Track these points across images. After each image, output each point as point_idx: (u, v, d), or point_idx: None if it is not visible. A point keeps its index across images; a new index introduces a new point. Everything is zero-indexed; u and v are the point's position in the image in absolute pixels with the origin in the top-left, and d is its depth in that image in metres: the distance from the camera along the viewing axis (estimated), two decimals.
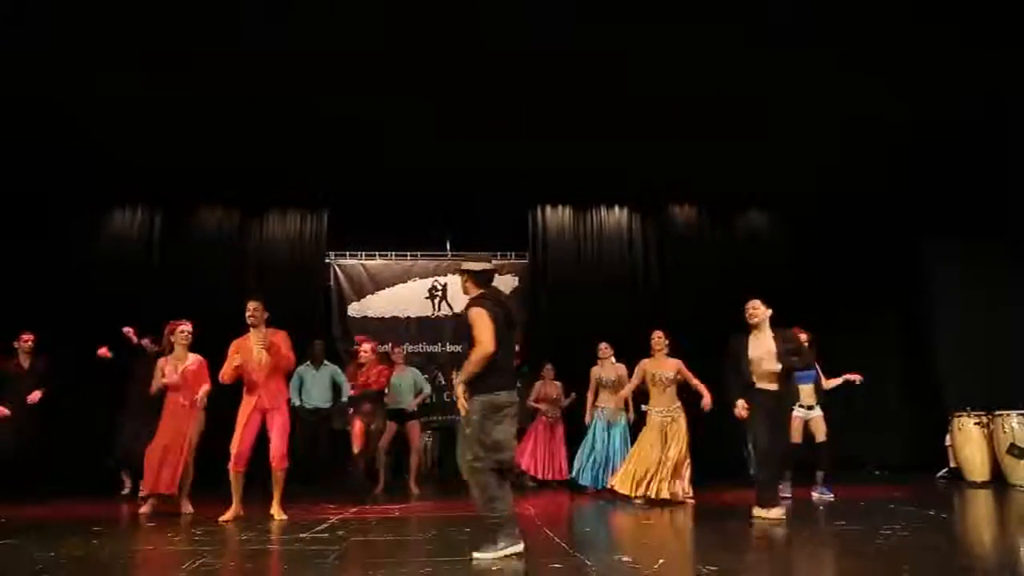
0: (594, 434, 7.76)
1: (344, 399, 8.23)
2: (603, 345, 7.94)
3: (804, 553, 4.52)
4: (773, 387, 5.54)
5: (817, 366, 7.13)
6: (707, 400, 6.73)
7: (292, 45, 7.10)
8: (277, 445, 5.87)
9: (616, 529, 5.86)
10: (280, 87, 7.72)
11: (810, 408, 7.12)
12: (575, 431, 8.40)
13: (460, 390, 4.08)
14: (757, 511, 5.46)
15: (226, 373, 5.93)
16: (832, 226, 10.25)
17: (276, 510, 5.91)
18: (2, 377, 7.59)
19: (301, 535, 5.02)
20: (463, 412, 4.06)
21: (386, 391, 7.92)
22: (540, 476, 8.65)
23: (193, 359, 6.46)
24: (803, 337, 7.06)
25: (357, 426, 7.61)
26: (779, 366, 5.50)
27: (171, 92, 7.79)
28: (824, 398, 7.25)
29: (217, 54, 7.19)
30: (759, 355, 5.57)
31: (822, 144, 8.88)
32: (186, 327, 6.52)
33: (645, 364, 7.04)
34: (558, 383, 8.91)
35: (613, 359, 7.91)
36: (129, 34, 6.86)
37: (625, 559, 4.12)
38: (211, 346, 6.66)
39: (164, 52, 7.13)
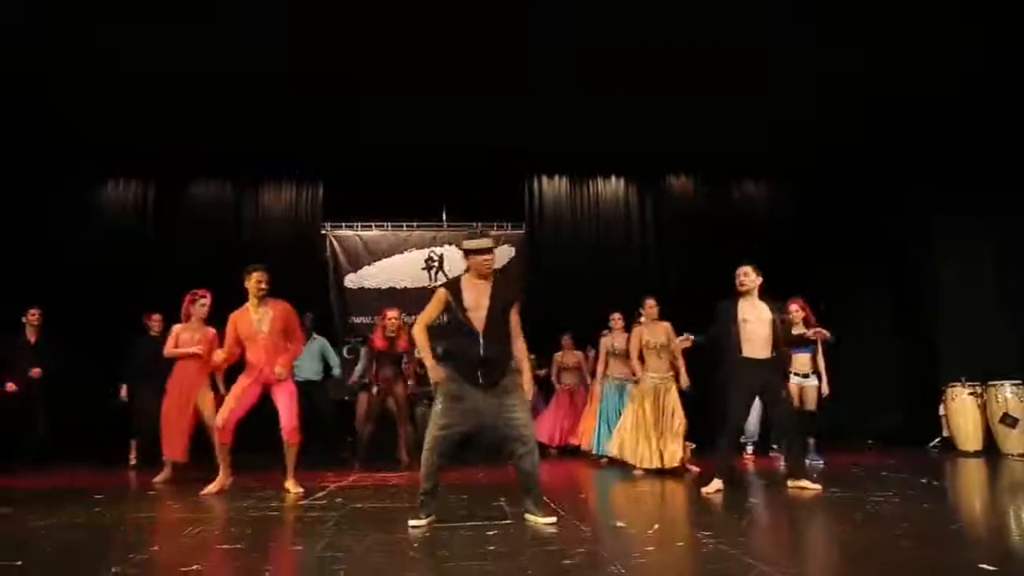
0: (606, 403, 7.78)
1: (336, 372, 8.26)
2: (615, 315, 7.88)
3: (797, 518, 4.57)
4: (764, 355, 5.45)
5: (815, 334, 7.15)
6: (684, 381, 6.80)
7: (286, 16, 7.01)
8: (288, 418, 5.64)
9: (613, 495, 5.92)
10: (273, 59, 7.65)
11: (805, 376, 7.17)
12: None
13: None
14: (791, 483, 5.42)
15: (220, 357, 5.79)
16: (828, 194, 10.22)
17: (291, 483, 5.68)
18: (12, 351, 7.72)
19: (300, 503, 5.07)
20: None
21: (405, 359, 7.90)
22: (561, 442, 8.77)
23: (207, 332, 6.54)
24: (794, 308, 7.07)
25: (374, 394, 7.67)
26: (769, 331, 5.47)
27: (163, 65, 7.71)
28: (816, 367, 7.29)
29: (211, 26, 7.10)
30: (750, 318, 5.49)
31: (819, 108, 8.79)
32: (205, 299, 6.63)
33: (640, 330, 7.07)
34: (578, 352, 8.93)
35: (623, 329, 7.91)
36: (122, 6, 6.77)
37: (620, 524, 4.17)
38: (208, 318, 6.77)
39: (156, 24, 7.04)
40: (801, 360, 7.12)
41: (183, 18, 6.96)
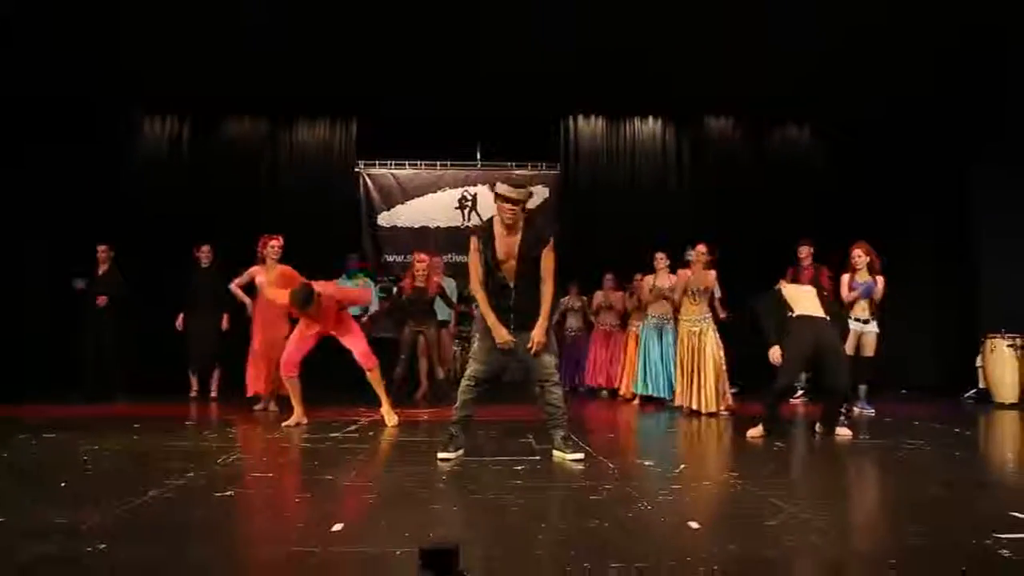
0: (646, 343, 7.73)
1: (372, 309, 8.33)
2: (659, 255, 7.71)
3: (825, 462, 4.56)
4: (819, 314, 5.35)
5: (880, 280, 6.98)
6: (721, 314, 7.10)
7: None
8: (358, 349, 5.67)
9: (642, 436, 5.96)
10: None
11: (865, 322, 7.00)
12: None
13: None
14: (820, 428, 5.39)
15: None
16: (870, 141, 9.91)
17: (387, 413, 5.73)
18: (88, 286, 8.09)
19: (332, 435, 5.17)
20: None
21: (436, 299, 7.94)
22: (598, 384, 8.78)
23: (281, 269, 6.66)
24: (857, 253, 6.93)
25: (407, 334, 7.72)
26: (816, 301, 5.44)
27: (197, 3, 7.64)
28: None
29: None
30: (794, 292, 5.52)
31: (862, 56, 8.47)
32: (276, 241, 6.81)
33: (686, 275, 7.01)
34: (619, 292, 8.87)
35: (668, 269, 7.80)
36: None
37: (648, 463, 4.19)
38: (242, 253, 7.05)
39: None
40: (860, 304, 6.98)
41: None
